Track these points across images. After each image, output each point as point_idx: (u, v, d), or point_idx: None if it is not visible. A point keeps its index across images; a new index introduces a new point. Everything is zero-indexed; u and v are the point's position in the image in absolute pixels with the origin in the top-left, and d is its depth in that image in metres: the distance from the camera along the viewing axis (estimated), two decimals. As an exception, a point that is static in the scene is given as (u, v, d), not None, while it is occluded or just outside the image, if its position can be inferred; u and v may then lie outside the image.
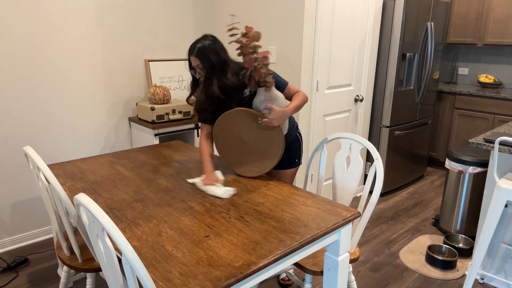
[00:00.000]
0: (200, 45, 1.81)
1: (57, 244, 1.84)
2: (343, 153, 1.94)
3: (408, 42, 3.31)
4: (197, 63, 1.82)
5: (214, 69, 1.82)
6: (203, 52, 1.80)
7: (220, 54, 1.83)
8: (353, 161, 1.89)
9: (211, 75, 1.82)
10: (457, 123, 4.11)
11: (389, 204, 3.43)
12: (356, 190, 1.90)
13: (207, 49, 1.81)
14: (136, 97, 3.13)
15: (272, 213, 1.51)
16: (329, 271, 1.58)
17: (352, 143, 1.91)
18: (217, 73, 1.82)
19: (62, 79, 2.71)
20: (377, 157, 1.78)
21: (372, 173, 1.79)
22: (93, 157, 2.21)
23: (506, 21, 3.84)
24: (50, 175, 1.49)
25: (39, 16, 2.53)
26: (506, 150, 2.01)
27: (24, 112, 2.59)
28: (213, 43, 1.84)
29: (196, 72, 1.85)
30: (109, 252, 1.08)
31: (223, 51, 1.86)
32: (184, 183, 1.81)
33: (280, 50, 2.91)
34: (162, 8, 3.13)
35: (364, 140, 1.86)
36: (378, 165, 1.75)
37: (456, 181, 2.79)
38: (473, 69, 4.48)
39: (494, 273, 2.30)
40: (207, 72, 1.82)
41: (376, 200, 1.70)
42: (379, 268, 2.48)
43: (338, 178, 1.96)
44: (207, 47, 1.82)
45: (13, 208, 2.65)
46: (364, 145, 1.85)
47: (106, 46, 2.88)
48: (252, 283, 1.21)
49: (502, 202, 1.93)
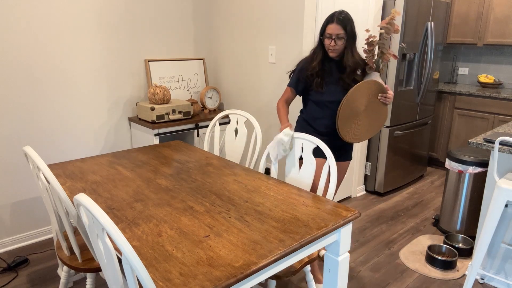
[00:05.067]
0: (343, 15, 1.97)
1: (57, 244, 1.84)
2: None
3: (408, 42, 3.31)
4: (339, 32, 1.96)
5: (353, 39, 2.00)
6: (347, 21, 1.97)
7: (355, 27, 2.01)
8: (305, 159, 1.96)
9: (350, 45, 2.00)
10: (457, 123, 4.11)
11: (389, 204, 3.43)
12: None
13: (350, 20, 1.99)
14: (136, 97, 3.13)
15: (272, 213, 1.51)
16: (329, 271, 1.58)
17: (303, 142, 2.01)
18: (352, 44, 2.01)
19: (62, 79, 2.71)
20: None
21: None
22: (93, 157, 2.21)
23: (506, 21, 3.84)
24: (50, 175, 1.49)
25: (39, 16, 2.53)
26: (506, 150, 2.01)
27: (24, 112, 2.59)
28: (350, 16, 2.01)
29: (331, 41, 1.98)
30: (109, 252, 1.08)
31: (355, 26, 2.03)
32: (184, 183, 1.81)
33: (280, 50, 2.91)
34: (162, 8, 3.13)
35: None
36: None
37: (456, 181, 2.79)
38: (473, 69, 4.48)
39: (494, 273, 2.30)
40: (347, 41, 1.99)
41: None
42: (379, 268, 2.48)
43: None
44: (350, 17, 2.00)
45: (13, 208, 2.65)
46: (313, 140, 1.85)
47: (106, 46, 2.88)
48: (252, 283, 1.21)
49: (502, 202, 1.93)
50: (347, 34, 1.98)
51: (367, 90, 1.99)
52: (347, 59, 2.03)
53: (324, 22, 2.03)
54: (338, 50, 2.02)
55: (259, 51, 3.08)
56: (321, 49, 2.07)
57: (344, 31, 1.96)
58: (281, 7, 2.82)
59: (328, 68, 2.08)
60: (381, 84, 2.01)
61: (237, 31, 3.23)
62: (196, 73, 3.42)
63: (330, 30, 1.98)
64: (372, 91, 2.00)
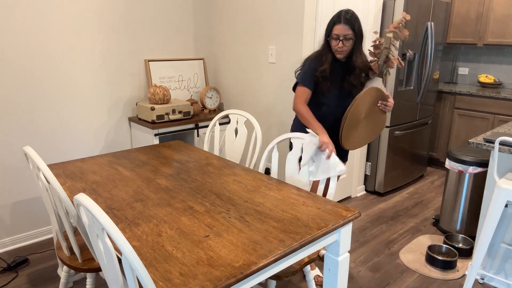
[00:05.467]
0: (349, 14, 1.90)
1: (57, 244, 1.84)
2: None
3: (408, 42, 3.31)
4: (347, 32, 1.89)
5: (361, 39, 1.94)
6: (355, 20, 1.90)
7: (361, 27, 1.95)
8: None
9: (359, 45, 1.94)
10: (457, 123, 4.11)
11: (389, 204, 3.43)
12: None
13: (357, 19, 1.92)
14: (136, 97, 3.13)
15: (272, 213, 1.51)
16: (329, 271, 1.58)
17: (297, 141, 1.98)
18: (360, 44, 1.95)
19: (62, 79, 2.71)
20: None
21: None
22: (93, 157, 2.21)
23: (506, 21, 3.84)
24: (50, 175, 1.49)
25: (39, 16, 2.53)
26: (506, 150, 2.01)
27: (24, 112, 2.59)
28: (356, 14, 1.95)
29: (339, 42, 1.91)
30: (109, 252, 1.08)
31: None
32: (184, 183, 1.81)
33: (280, 50, 2.91)
34: (162, 8, 3.13)
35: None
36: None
37: (456, 181, 2.79)
38: (473, 69, 4.48)
39: (494, 273, 2.30)
40: (356, 41, 1.92)
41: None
42: (379, 268, 2.48)
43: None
44: (357, 16, 1.93)
45: (13, 208, 2.65)
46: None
47: (106, 46, 2.88)
48: (252, 283, 1.21)
49: (502, 202, 1.93)
50: (356, 34, 1.90)
51: (369, 98, 1.95)
52: (355, 59, 1.95)
53: (330, 22, 1.95)
54: (346, 51, 1.94)
55: (259, 51, 3.08)
56: (329, 51, 1.99)
57: (352, 31, 1.89)
58: (281, 7, 2.82)
59: (334, 70, 2.01)
60: (382, 91, 1.96)
61: (237, 31, 3.23)
62: (196, 73, 3.42)
63: (338, 31, 1.90)
64: (373, 98, 1.96)
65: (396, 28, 1.90)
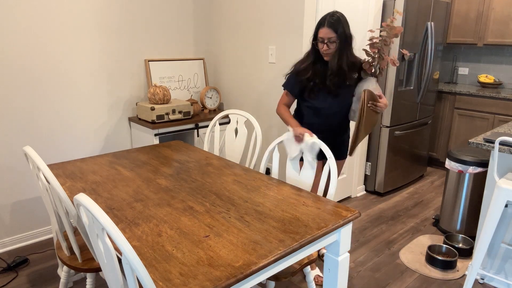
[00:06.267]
0: (334, 18, 1.92)
1: (57, 244, 1.84)
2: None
3: (408, 42, 3.31)
4: (330, 35, 1.91)
5: (346, 41, 1.94)
6: (338, 24, 1.91)
7: (349, 28, 1.95)
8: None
9: (343, 47, 1.95)
10: (457, 123, 4.11)
11: (389, 204, 3.43)
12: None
13: (341, 21, 1.92)
14: (136, 97, 3.13)
15: (272, 213, 1.51)
16: (329, 271, 1.58)
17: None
18: (346, 47, 1.96)
19: (62, 79, 2.71)
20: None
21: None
22: (93, 157, 2.21)
23: (506, 21, 3.84)
24: (50, 175, 1.49)
25: (39, 16, 2.53)
26: (506, 150, 2.01)
27: (24, 112, 2.59)
28: (343, 17, 1.95)
29: (324, 45, 1.94)
30: (109, 252, 1.08)
31: (349, 27, 1.98)
32: (184, 183, 1.81)
33: (280, 50, 2.91)
34: (162, 8, 3.13)
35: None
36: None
37: (456, 181, 2.79)
38: (473, 69, 4.48)
39: (494, 273, 2.30)
40: (340, 44, 1.94)
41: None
42: (379, 268, 2.48)
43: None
44: (341, 19, 1.93)
45: (13, 208, 2.65)
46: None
47: (106, 46, 2.88)
48: (252, 283, 1.21)
49: (502, 202, 1.93)
50: (339, 37, 1.93)
51: (366, 107, 1.95)
52: (331, 62, 1.97)
53: (316, 25, 1.99)
54: (331, 53, 1.98)
55: (259, 51, 3.08)
56: (313, 52, 2.03)
57: (336, 34, 1.92)
58: (281, 7, 2.82)
59: (321, 73, 2.04)
60: (371, 92, 1.94)
61: (237, 31, 3.23)
62: (196, 73, 3.42)
63: (322, 34, 1.94)
64: (366, 100, 1.96)
65: (388, 25, 1.90)
